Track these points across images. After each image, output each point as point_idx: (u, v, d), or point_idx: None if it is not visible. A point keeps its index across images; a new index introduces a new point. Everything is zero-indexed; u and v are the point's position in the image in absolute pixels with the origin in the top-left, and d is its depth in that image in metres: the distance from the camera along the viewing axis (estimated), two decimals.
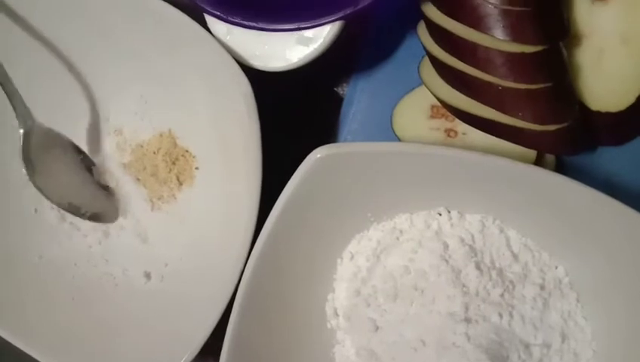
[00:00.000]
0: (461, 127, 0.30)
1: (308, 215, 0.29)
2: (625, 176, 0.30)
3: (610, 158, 0.30)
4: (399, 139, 0.32)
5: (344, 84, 0.36)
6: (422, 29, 0.30)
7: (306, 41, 0.29)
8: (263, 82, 0.31)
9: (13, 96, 0.33)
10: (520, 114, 0.27)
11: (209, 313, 0.31)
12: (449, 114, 0.30)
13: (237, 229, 0.31)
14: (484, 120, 0.28)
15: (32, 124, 0.34)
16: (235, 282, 0.29)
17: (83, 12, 0.33)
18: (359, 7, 0.26)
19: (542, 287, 0.28)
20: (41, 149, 0.35)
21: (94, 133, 0.38)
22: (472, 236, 0.29)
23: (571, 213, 0.26)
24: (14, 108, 0.33)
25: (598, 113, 0.29)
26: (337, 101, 0.35)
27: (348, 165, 0.27)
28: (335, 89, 0.36)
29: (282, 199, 0.27)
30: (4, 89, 0.33)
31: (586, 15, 0.29)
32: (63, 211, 0.39)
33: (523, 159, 0.29)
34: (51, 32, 0.35)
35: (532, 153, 0.28)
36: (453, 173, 0.28)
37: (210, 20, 0.30)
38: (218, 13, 0.29)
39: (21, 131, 0.34)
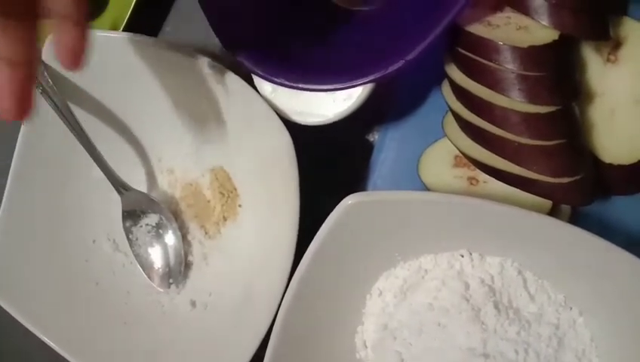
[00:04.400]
0: (482, 175, 0.33)
1: (340, 254, 0.32)
2: (633, 225, 0.32)
3: (623, 207, 0.32)
4: (425, 185, 0.34)
5: (375, 132, 0.39)
6: (446, 87, 0.33)
7: (341, 100, 0.33)
8: (302, 133, 0.34)
9: (106, 169, 0.39)
10: (535, 167, 0.29)
11: (248, 342, 0.34)
12: (471, 164, 0.32)
13: (275, 265, 0.34)
14: (502, 171, 0.30)
15: (124, 191, 0.40)
16: (274, 313, 0.32)
17: (143, 74, 0.37)
18: (389, 71, 0.29)
19: (557, 327, 0.30)
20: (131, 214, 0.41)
21: (149, 173, 0.42)
22: (492, 277, 0.31)
23: (584, 261, 0.29)
24: (109, 178, 0.39)
25: (611, 165, 0.31)
26: (369, 148, 0.39)
27: (377, 211, 0.30)
28: (366, 137, 0.39)
29: (317, 240, 0.31)
30: (97, 163, 0.39)
31: (598, 75, 0.31)
32: (117, 241, 0.43)
33: (539, 208, 0.31)
34: (114, 92, 0.39)
35: (548, 202, 0.31)
36: (475, 220, 0.30)
37: (257, 80, 0.34)
38: (265, 75, 0.32)
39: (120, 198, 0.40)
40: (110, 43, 0.37)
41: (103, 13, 0.44)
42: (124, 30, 0.43)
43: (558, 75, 0.29)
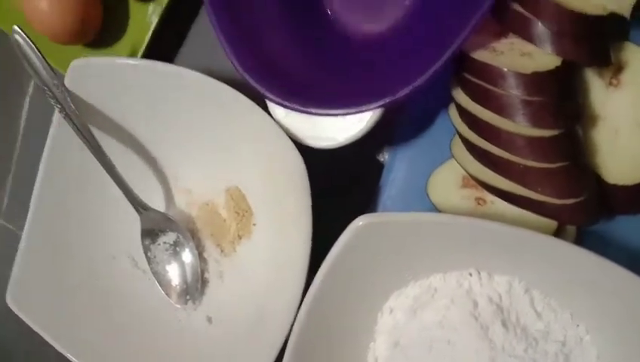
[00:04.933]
0: (490, 196, 0.34)
1: (352, 274, 0.33)
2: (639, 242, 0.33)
3: (628, 227, 0.33)
4: (434, 205, 0.35)
5: (384, 152, 0.41)
6: (453, 110, 0.34)
7: (352, 124, 0.34)
8: (314, 154, 0.36)
9: (125, 189, 0.41)
10: (540, 189, 0.30)
11: (263, 357, 0.35)
12: (478, 185, 0.33)
13: (289, 283, 0.35)
14: (508, 193, 0.31)
15: (143, 210, 0.41)
16: (287, 329, 0.33)
17: (161, 98, 0.39)
18: (397, 97, 0.31)
19: (563, 344, 0.31)
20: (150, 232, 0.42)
21: (167, 192, 0.44)
22: (500, 295, 0.32)
23: (589, 280, 0.29)
24: (128, 198, 0.41)
25: (615, 186, 0.32)
26: (378, 168, 0.40)
27: (387, 232, 0.31)
28: (376, 157, 0.41)
29: (329, 260, 0.32)
30: (116, 183, 0.40)
31: (601, 98, 0.32)
32: (136, 258, 0.45)
33: (545, 227, 0.32)
34: (132, 115, 0.41)
35: (554, 222, 0.32)
36: (483, 240, 0.31)
37: (270, 104, 0.35)
38: (278, 100, 0.34)
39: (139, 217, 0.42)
40: (129, 69, 0.39)
41: (122, 38, 0.46)
42: (143, 54, 0.45)
43: (561, 99, 0.30)
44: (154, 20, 0.44)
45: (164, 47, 0.46)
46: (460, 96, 0.33)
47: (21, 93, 0.54)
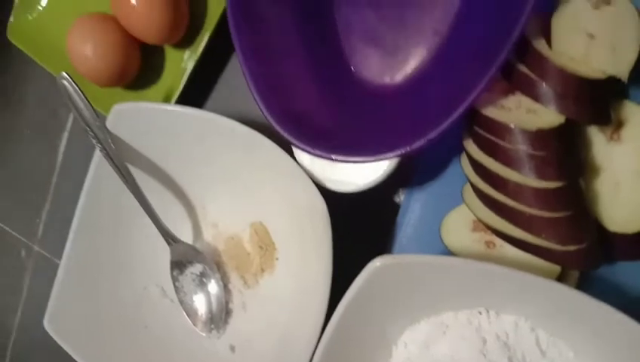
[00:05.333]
0: (498, 240, 0.36)
1: (368, 309, 0.35)
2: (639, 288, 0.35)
3: (628, 272, 0.35)
4: (446, 247, 0.38)
5: (401, 194, 0.43)
6: (464, 160, 0.37)
7: (371, 171, 0.37)
8: (335, 196, 0.39)
9: (157, 223, 0.44)
10: (544, 236, 0.33)
11: None
12: (487, 229, 0.36)
13: (309, 317, 0.38)
14: (515, 238, 0.34)
15: (173, 242, 0.44)
16: (308, 360, 0.36)
17: (193, 140, 0.42)
18: (412, 148, 0.33)
19: None
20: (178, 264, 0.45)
21: (196, 226, 0.47)
22: (507, 334, 0.34)
23: (590, 323, 0.32)
24: (159, 230, 0.44)
25: (616, 234, 0.34)
26: (395, 208, 0.42)
27: (402, 272, 0.34)
28: (393, 198, 0.43)
29: (347, 297, 0.34)
30: (150, 217, 0.44)
31: (603, 152, 0.35)
32: (165, 288, 0.47)
33: (550, 271, 0.34)
34: (167, 155, 0.45)
35: (558, 266, 0.34)
36: (491, 281, 0.33)
37: (296, 150, 0.38)
38: (304, 147, 0.37)
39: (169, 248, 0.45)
40: (166, 114, 0.42)
41: (159, 81, 0.50)
42: (178, 97, 0.48)
43: (565, 154, 0.33)
44: (189, 66, 0.48)
45: (196, 90, 0.49)
46: (471, 147, 0.35)
47: (60, 127, 0.58)
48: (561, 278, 0.35)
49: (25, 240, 0.60)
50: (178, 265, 0.45)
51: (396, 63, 0.41)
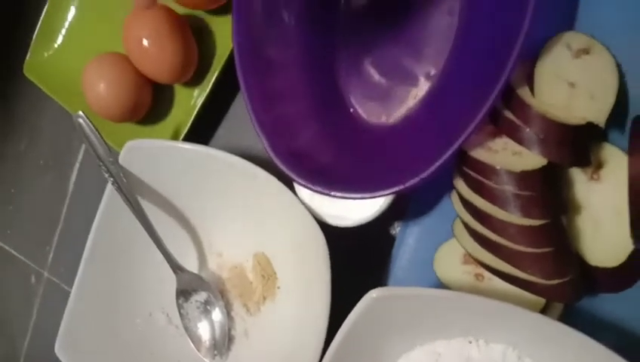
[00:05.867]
0: (487, 272, 0.38)
1: (365, 338, 0.37)
2: (622, 318, 0.37)
3: (609, 303, 0.37)
4: (439, 278, 0.40)
5: (396, 227, 0.46)
6: (455, 197, 0.39)
7: (367, 207, 0.39)
8: (334, 229, 0.41)
9: (165, 253, 0.46)
10: (529, 270, 0.35)
11: None
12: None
13: (308, 344, 0.40)
14: (502, 272, 0.36)
15: (179, 271, 0.47)
16: None
17: (200, 175, 0.45)
18: (406, 186, 0.36)
19: None
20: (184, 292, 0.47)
21: (201, 255, 0.49)
22: None
23: (572, 352, 0.34)
24: (166, 259, 0.46)
25: (597, 268, 0.37)
26: (391, 241, 0.45)
27: (396, 303, 0.36)
28: (389, 231, 0.46)
29: (345, 326, 0.36)
30: (157, 247, 0.46)
31: (584, 191, 0.37)
32: (170, 315, 0.49)
33: (535, 302, 0.36)
34: (175, 189, 0.47)
35: (543, 298, 0.36)
36: (480, 312, 0.36)
37: (297, 186, 0.41)
38: (304, 183, 0.39)
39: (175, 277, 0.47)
40: (175, 151, 0.45)
41: (168, 117, 0.53)
42: (186, 133, 0.51)
43: (548, 193, 0.35)
44: (198, 103, 0.50)
45: (204, 126, 0.52)
46: (461, 185, 0.38)
47: (72, 159, 0.60)
48: (545, 309, 0.37)
49: (35, 266, 0.62)
50: (183, 293, 0.48)
51: (392, 105, 0.44)
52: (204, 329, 0.47)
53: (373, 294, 0.36)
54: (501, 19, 0.36)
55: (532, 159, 0.35)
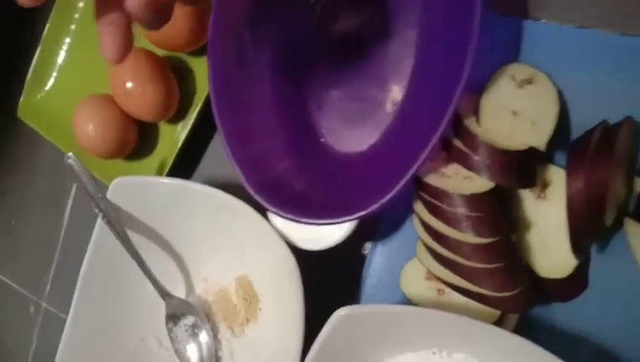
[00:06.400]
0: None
1: (336, 353, 0.40)
2: (572, 325, 0.40)
3: (560, 311, 0.41)
4: (405, 294, 0.43)
5: (367, 247, 0.49)
6: (415, 219, 0.42)
7: (336, 231, 0.43)
8: (310, 253, 0.44)
9: (153, 281, 0.49)
10: (482, 285, 0.38)
11: None
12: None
13: (287, 360, 0.43)
14: (459, 287, 0.39)
15: (168, 298, 0.50)
16: None
17: (184, 207, 0.48)
18: (368, 211, 0.39)
19: None
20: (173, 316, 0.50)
21: (188, 281, 0.52)
22: None
23: (524, 358, 0.37)
24: (155, 287, 0.49)
25: (547, 279, 0.40)
26: (362, 259, 0.48)
27: (364, 320, 0.39)
28: (361, 250, 0.49)
29: (316, 343, 0.39)
30: (146, 276, 0.49)
31: (532, 209, 0.41)
32: (161, 339, 0.52)
33: (490, 313, 0.40)
34: (161, 220, 0.50)
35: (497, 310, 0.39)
36: (442, 325, 0.39)
37: (270, 214, 0.44)
38: (277, 211, 0.42)
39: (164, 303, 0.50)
40: (159, 186, 0.48)
41: (154, 152, 0.56)
42: (171, 166, 0.54)
43: (497, 213, 0.38)
44: (181, 138, 0.54)
45: (188, 160, 0.55)
46: (420, 208, 0.41)
47: (66, 194, 0.64)
48: (501, 320, 0.40)
49: (34, 297, 0.65)
50: (172, 317, 0.51)
51: (360, 135, 0.47)
52: (192, 352, 0.50)
53: (341, 312, 0.39)
54: (448, 58, 0.39)
55: (481, 183, 0.39)
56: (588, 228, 0.36)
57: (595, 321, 0.40)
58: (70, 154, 0.49)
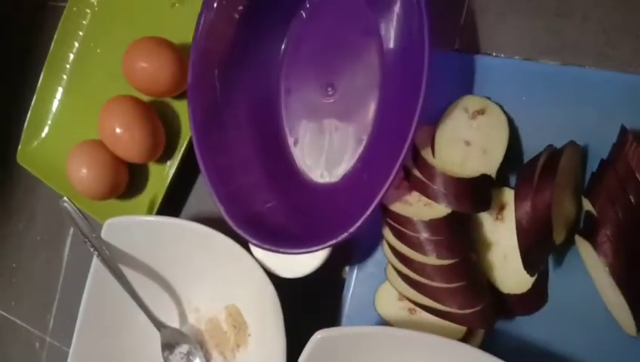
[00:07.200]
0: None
1: None
2: (534, 337, 0.43)
3: (523, 324, 0.43)
4: (379, 314, 0.46)
5: (346, 269, 0.52)
6: (384, 244, 0.46)
7: (311, 258, 0.46)
8: (289, 282, 0.47)
9: (148, 313, 0.52)
10: (446, 303, 0.41)
11: None
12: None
13: None
14: (425, 306, 0.42)
15: (163, 328, 0.53)
16: None
17: (174, 242, 0.52)
18: (338, 240, 0.42)
19: None
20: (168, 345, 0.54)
21: (181, 312, 0.56)
22: None
23: None
24: (149, 319, 0.52)
25: (509, 294, 0.43)
26: (341, 282, 0.51)
27: (340, 340, 0.42)
28: (341, 274, 0.52)
29: None
30: (141, 309, 0.52)
31: (491, 230, 0.44)
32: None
33: (457, 330, 0.42)
34: (153, 256, 0.54)
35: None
36: (412, 343, 0.42)
37: (251, 246, 0.48)
38: (258, 243, 0.46)
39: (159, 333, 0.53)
40: (150, 224, 0.52)
41: (144, 191, 0.60)
42: (161, 202, 0.58)
43: (455, 236, 0.41)
44: (169, 176, 0.58)
45: (177, 196, 0.59)
46: (387, 234, 0.44)
47: (64, 234, 0.67)
48: (468, 335, 0.43)
49: (38, 333, 0.69)
50: (168, 346, 0.54)
51: (334, 167, 0.51)
52: None
53: (318, 335, 0.42)
54: (404, 97, 0.43)
55: (439, 209, 0.42)
56: (537, 247, 0.39)
57: (556, 332, 0.43)
58: (65, 198, 0.52)
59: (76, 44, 0.65)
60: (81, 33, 0.65)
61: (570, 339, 0.42)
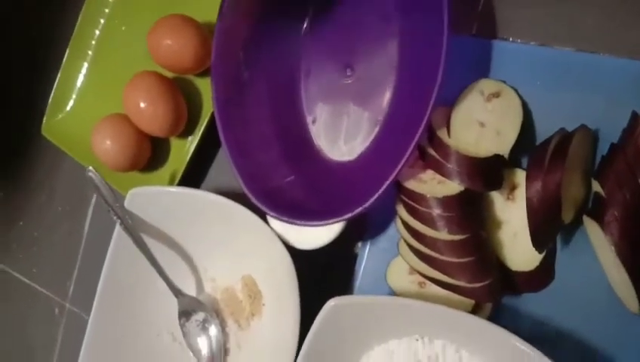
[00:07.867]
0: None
1: (329, 341, 0.45)
2: (540, 313, 0.45)
3: (530, 300, 0.45)
4: (391, 288, 0.48)
5: (359, 246, 0.54)
6: (397, 220, 0.47)
7: (327, 231, 0.48)
8: (308, 253, 0.49)
9: (167, 280, 0.54)
10: (456, 277, 0.43)
11: None
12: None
13: (286, 348, 0.48)
14: (436, 279, 0.44)
15: (180, 296, 0.55)
16: None
17: (195, 213, 0.54)
18: (354, 214, 0.44)
19: None
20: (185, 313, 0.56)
21: (198, 281, 0.58)
22: (437, 355, 0.44)
23: (498, 344, 0.41)
24: (168, 286, 0.54)
25: (517, 271, 0.44)
26: (354, 257, 0.53)
27: (353, 309, 0.44)
28: (354, 249, 0.54)
29: (311, 332, 0.45)
30: (160, 276, 0.54)
31: (502, 209, 0.45)
32: (174, 334, 0.58)
33: (466, 303, 0.44)
34: (174, 226, 0.56)
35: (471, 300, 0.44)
36: (422, 314, 0.43)
37: (270, 218, 0.50)
38: (275, 215, 0.48)
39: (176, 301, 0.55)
40: (172, 195, 0.54)
41: (166, 165, 0.62)
42: (182, 176, 0.60)
43: (466, 213, 0.43)
44: (191, 150, 0.59)
45: (198, 170, 0.61)
46: (401, 210, 0.46)
47: (86, 204, 0.69)
48: (476, 308, 0.45)
49: (58, 299, 0.71)
50: (185, 314, 0.56)
51: (351, 145, 0.52)
52: (203, 344, 0.55)
53: (332, 302, 0.44)
54: (422, 79, 0.44)
55: (452, 187, 0.43)
56: (546, 226, 0.41)
57: (561, 309, 0.45)
58: (90, 167, 0.54)
59: (102, 21, 0.67)
60: (106, 10, 0.66)
61: (574, 316, 0.44)
